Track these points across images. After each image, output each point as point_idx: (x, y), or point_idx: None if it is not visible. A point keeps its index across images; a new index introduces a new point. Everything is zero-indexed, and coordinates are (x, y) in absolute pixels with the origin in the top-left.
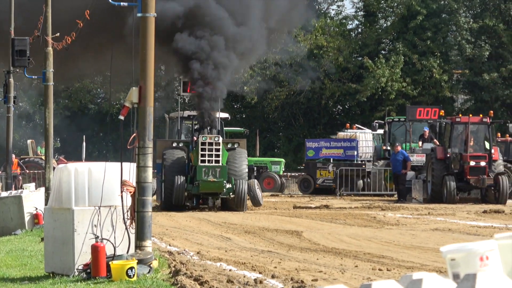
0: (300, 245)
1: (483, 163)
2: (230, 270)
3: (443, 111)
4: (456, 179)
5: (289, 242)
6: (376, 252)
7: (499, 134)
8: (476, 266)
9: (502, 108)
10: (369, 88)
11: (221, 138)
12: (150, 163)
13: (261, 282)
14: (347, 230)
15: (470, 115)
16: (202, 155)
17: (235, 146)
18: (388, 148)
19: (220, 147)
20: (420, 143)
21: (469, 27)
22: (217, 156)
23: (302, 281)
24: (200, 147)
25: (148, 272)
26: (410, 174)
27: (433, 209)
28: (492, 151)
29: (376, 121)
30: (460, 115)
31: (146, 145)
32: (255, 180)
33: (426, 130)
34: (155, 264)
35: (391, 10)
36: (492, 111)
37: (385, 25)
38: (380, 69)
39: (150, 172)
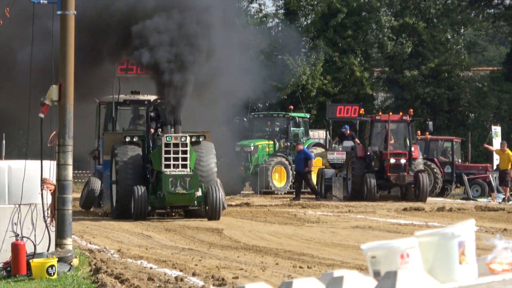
0: (221, 243)
1: (403, 161)
2: (151, 268)
3: (363, 109)
4: (376, 177)
5: (210, 239)
6: (297, 249)
7: (419, 132)
8: (396, 263)
9: (422, 106)
10: (290, 86)
11: (188, 138)
12: (70, 161)
13: (182, 279)
14: (268, 228)
15: (390, 113)
16: (166, 159)
17: (200, 139)
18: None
19: (188, 148)
20: (335, 141)
21: (390, 25)
22: (184, 159)
23: (222, 279)
24: (163, 148)
25: (69, 270)
26: (330, 172)
27: (353, 207)
28: (412, 149)
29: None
30: (380, 113)
31: (66, 143)
32: (218, 180)
33: (347, 128)
34: (75, 262)
35: (312, 8)
36: (412, 109)
37: (305, 23)
38: (300, 66)
39: (70, 170)
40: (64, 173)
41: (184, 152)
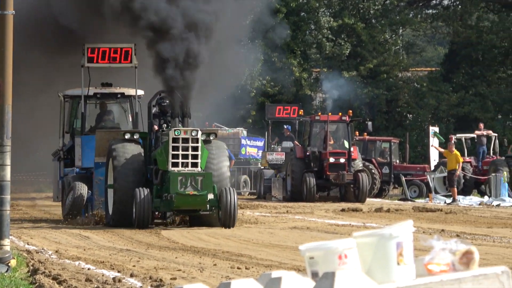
0: (159, 244)
1: (342, 160)
2: (88, 269)
3: (302, 110)
4: (315, 177)
5: (148, 240)
6: (235, 250)
7: (357, 132)
8: (334, 264)
9: (361, 107)
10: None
11: (200, 132)
12: (8, 161)
13: (119, 280)
14: (206, 229)
15: (329, 114)
16: (174, 156)
17: (211, 138)
18: None
19: (199, 144)
20: (275, 142)
21: (329, 26)
22: (195, 157)
23: (160, 280)
24: (171, 144)
25: (6, 271)
26: (269, 172)
27: (291, 208)
28: (351, 149)
29: None
30: (320, 113)
31: (4, 144)
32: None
33: (287, 128)
34: (13, 263)
35: (251, 8)
36: (351, 110)
37: (244, 23)
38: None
39: (8, 170)
40: (2, 173)
41: (195, 148)
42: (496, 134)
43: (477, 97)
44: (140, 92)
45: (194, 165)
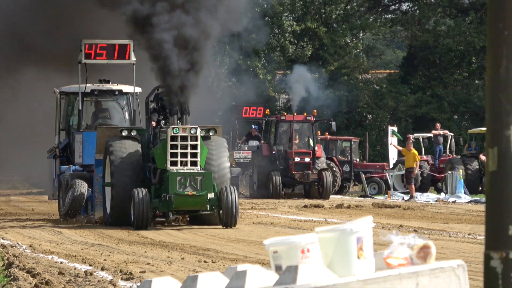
0: (129, 239)
1: (307, 159)
2: (61, 262)
3: (268, 109)
4: (281, 175)
5: (118, 235)
6: (202, 245)
7: (319, 132)
8: (297, 258)
9: (323, 107)
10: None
11: (199, 130)
12: None
13: (91, 274)
14: (174, 225)
15: (295, 114)
16: (173, 155)
17: (211, 134)
18: None
19: (199, 142)
20: (242, 140)
21: (292, 30)
22: (194, 155)
23: (130, 273)
24: (169, 142)
25: None
26: (236, 170)
27: (256, 204)
28: (316, 148)
29: None
30: (285, 113)
31: None
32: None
33: (255, 128)
34: None
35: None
36: (315, 110)
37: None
38: (206, 68)
39: None
40: None
41: (194, 146)
42: (452, 134)
43: (434, 98)
44: (138, 89)
45: (193, 163)
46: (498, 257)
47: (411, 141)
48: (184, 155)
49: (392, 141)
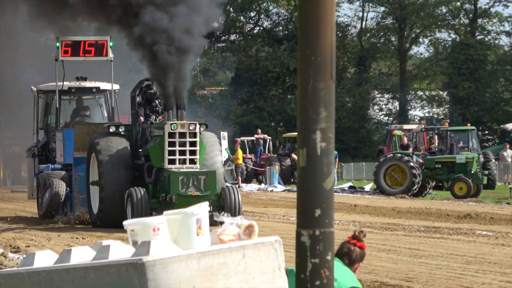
0: (16, 220)
1: None
2: None
3: None
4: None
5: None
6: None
7: None
8: (150, 235)
9: None
10: None
11: (198, 126)
12: None
13: None
14: None
15: None
16: (171, 153)
17: (201, 129)
18: None
19: (197, 139)
20: None
21: None
22: (193, 153)
23: (18, 247)
24: (166, 140)
25: None
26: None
27: None
28: None
29: None
30: None
31: None
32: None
33: None
34: None
35: None
36: None
37: None
38: None
39: None
40: None
41: (193, 143)
42: (270, 137)
43: (256, 109)
44: (116, 86)
45: (192, 161)
46: (307, 234)
47: (238, 143)
48: (182, 152)
49: (223, 143)
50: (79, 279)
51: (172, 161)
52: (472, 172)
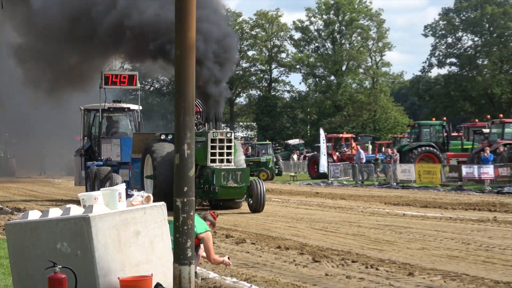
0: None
1: None
2: None
3: None
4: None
5: None
6: (52, 195)
7: None
8: (92, 202)
9: None
10: None
11: (233, 134)
12: None
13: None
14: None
15: None
16: (213, 154)
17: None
18: None
19: (233, 144)
20: None
21: None
22: (229, 154)
23: (19, 208)
24: (209, 144)
25: None
26: None
27: None
28: None
29: None
30: None
31: None
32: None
33: None
34: None
35: None
36: None
37: None
38: None
39: None
40: None
41: (229, 147)
42: None
43: None
44: (140, 107)
45: (228, 161)
46: (180, 200)
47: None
48: (221, 154)
49: None
50: (53, 226)
51: (213, 160)
52: (270, 166)
